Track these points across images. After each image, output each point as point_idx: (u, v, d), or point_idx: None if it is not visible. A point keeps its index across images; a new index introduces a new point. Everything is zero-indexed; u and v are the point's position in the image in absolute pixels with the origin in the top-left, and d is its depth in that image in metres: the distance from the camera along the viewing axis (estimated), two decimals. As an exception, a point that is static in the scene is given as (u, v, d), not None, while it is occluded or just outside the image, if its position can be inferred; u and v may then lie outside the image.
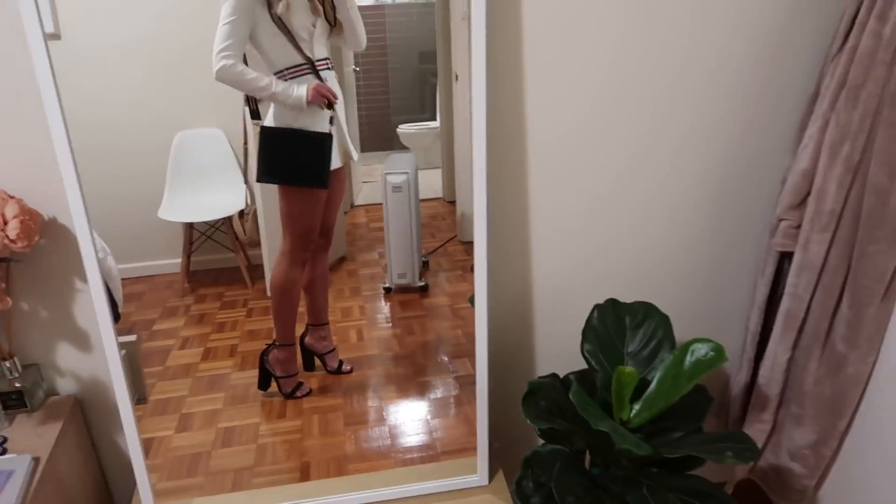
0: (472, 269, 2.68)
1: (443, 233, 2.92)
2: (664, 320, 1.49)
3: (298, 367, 2.17)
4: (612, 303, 1.52)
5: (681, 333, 1.52)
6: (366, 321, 2.46)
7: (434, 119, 3.27)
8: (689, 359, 1.38)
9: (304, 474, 1.85)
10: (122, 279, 1.95)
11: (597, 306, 1.51)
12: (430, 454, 1.94)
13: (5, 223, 1.25)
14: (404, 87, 3.34)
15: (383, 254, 2.64)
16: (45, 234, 1.37)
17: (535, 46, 1.50)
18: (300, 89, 1.81)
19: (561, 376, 1.55)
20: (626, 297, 1.55)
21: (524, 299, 1.70)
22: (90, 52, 2.00)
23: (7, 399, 1.44)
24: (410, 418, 2.08)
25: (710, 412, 1.50)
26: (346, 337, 2.31)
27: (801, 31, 1.56)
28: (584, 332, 1.49)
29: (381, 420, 2.05)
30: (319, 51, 1.84)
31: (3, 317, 1.38)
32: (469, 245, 2.79)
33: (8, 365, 1.43)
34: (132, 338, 1.78)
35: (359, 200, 2.98)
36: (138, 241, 2.15)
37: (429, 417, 2.08)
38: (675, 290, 1.71)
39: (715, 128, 1.61)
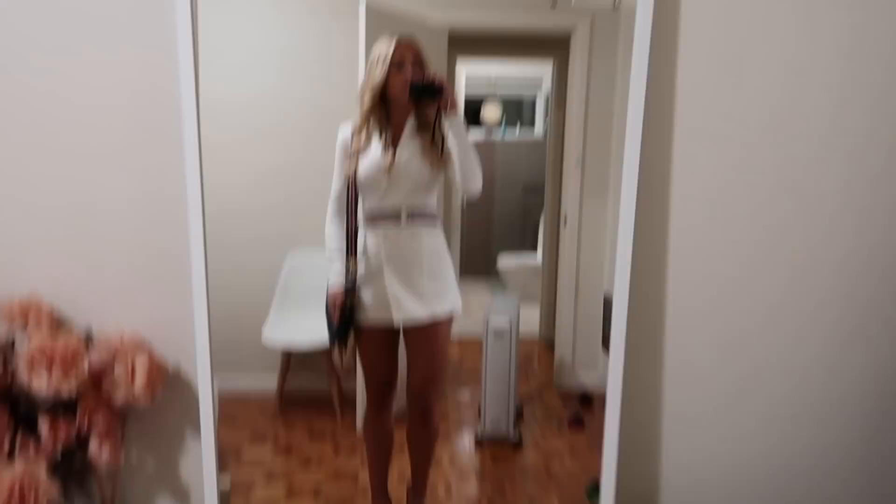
0: (568, 426, 2.52)
1: (537, 376, 2.78)
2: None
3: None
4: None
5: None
6: (454, 474, 2.30)
7: (534, 252, 3.21)
8: None
9: None
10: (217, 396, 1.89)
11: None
12: None
13: (133, 376, 1.19)
14: (507, 219, 3.32)
15: (475, 395, 2.51)
16: (167, 386, 1.32)
17: (681, 213, 1.41)
18: (334, 279, 1.87)
19: None
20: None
21: (651, 499, 1.52)
22: (223, 178, 2.04)
23: (100, 553, 1.35)
24: None
25: None
26: (434, 490, 2.15)
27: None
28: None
29: None
30: (391, 204, 1.81)
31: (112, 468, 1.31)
32: (566, 394, 2.65)
33: (107, 516, 1.35)
34: (226, 486, 1.68)
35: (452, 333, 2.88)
36: (238, 358, 2.12)
37: None
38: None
39: (878, 330, 1.45)
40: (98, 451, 1.20)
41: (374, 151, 1.78)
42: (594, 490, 1.44)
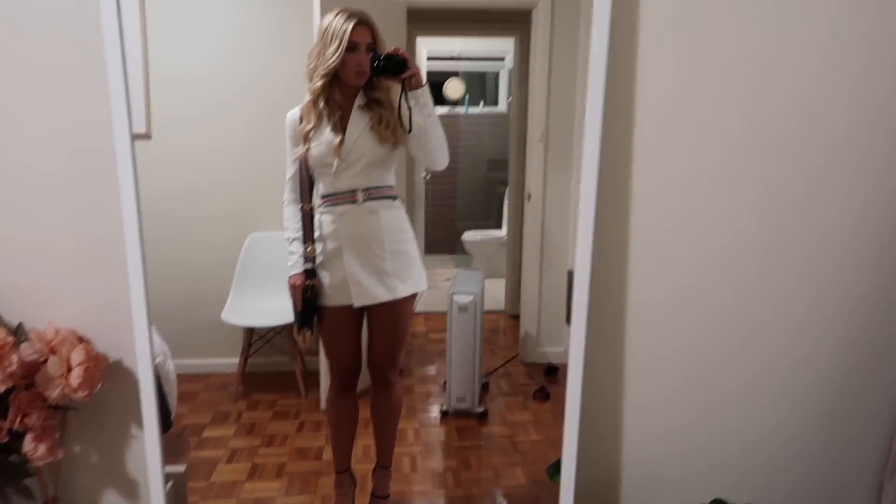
0: (534, 398, 2.48)
1: (504, 350, 2.72)
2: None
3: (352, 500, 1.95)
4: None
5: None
6: (420, 448, 2.25)
7: (499, 227, 3.14)
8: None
9: None
10: (179, 375, 1.82)
11: (702, 508, 1.28)
12: None
13: (69, 370, 1.10)
14: (471, 194, 3.24)
15: (441, 369, 2.45)
16: (108, 378, 1.22)
17: (641, 211, 1.35)
18: (293, 268, 1.78)
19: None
20: (726, 488, 1.32)
21: (611, 478, 1.47)
22: (177, 154, 1.94)
23: (45, 551, 1.26)
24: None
25: None
26: (399, 464, 2.10)
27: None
28: (686, 537, 1.25)
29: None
30: (345, 184, 1.72)
31: (53, 462, 1.21)
32: (531, 367, 2.60)
33: (51, 512, 1.26)
34: (180, 468, 1.60)
35: (419, 307, 2.80)
36: (199, 340, 2.04)
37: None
38: (784, 481, 1.46)
39: (840, 305, 1.41)
40: (33, 449, 1.11)
41: (324, 132, 1.68)
42: (555, 470, 1.39)
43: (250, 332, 2.12)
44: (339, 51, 1.58)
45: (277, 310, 2.02)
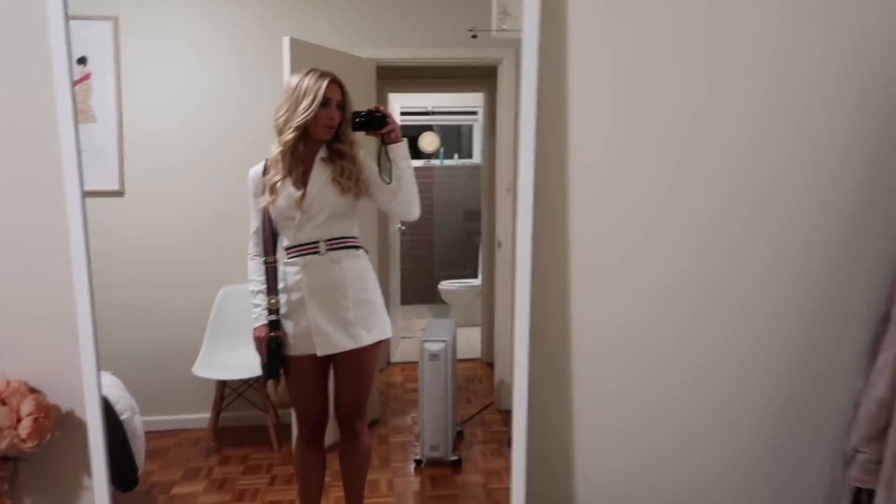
0: (508, 445, 2.46)
1: (479, 397, 2.72)
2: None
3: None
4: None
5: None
6: (393, 499, 2.22)
7: (476, 276, 3.18)
8: None
9: None
10: (150, 432, 1.81)
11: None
12: None
13: (18, 421, 1.11)
14: (448, 244, 3.28)
15: (417, 419, 2.44)
16: (59, 428, 1.23)
17: (580, 253, 1.40)
18: (258, 320, 1.81)
19: None
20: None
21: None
22: (150, 208, 1.98)
23: None
24: None
25: None
26: (371, 517, 2.07)
27: (867, 251, 1.44)
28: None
29: None
30: (308, 235, 1.76)
31: (1, 517, 1.21)
32: (507, 414, 2.59)
33: (-1, 569, 1.24)
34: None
35: (396, 357, 2.81)
36: (170, 395, 2.04)
37: None
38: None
39: (778, 345, 1.45)
40: (-20, 501, 1.11)
41: (287, 186, 1.73)
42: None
43: (222, 385, 2.11)
44: (314, 105, 1.66)
45: (250, 363, 2.03)
